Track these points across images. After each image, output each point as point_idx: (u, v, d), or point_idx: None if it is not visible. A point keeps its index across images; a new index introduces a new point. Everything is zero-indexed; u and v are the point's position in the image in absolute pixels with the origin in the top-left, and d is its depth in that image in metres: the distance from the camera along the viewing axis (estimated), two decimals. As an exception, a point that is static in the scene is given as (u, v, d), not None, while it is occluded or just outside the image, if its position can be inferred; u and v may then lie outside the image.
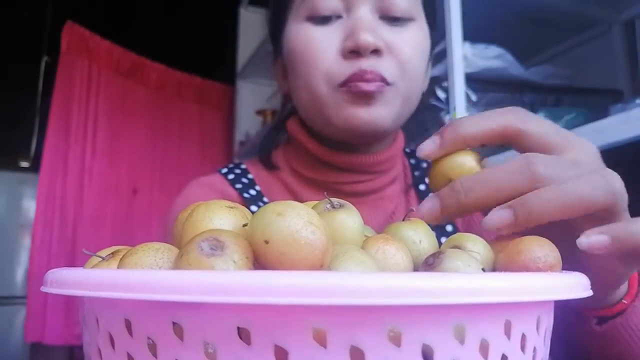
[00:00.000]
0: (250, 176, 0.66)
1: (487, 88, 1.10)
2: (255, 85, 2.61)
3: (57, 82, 2.38)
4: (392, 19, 0.56)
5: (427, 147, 0.34)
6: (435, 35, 0.64)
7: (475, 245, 0.30)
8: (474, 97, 1.08)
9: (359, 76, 0.53)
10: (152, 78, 2.74)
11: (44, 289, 0.24)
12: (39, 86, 3.28)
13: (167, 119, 2.76)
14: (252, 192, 0.64)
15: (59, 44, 2.42)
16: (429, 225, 0.33)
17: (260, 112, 2.40)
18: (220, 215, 0.27)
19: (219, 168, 0.68)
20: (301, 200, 0.64)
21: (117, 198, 2.49)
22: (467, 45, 1.09)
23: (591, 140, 0.37)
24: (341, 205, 0.29)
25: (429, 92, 1.12)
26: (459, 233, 0.32)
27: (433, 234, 0.32)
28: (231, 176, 0.66)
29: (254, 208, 0.61)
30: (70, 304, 2.22)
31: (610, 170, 0.32)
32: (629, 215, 0.33)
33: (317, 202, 0.30)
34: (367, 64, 0.54)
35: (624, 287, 0.41)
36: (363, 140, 0.59)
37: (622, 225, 0.30)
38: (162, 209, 2.48)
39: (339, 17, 0.56)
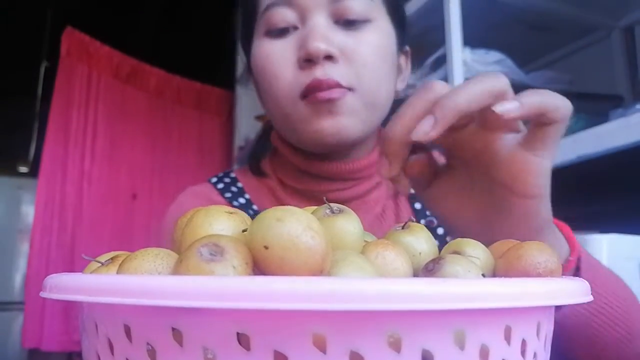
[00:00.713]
0: (239, 185, 0.66)
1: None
2: (255, 90, 2.61)
3: (57, 87, 2.39)
4: (347, 23, 0.56)
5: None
6: (435, 41, 0.64)
7: (475, 251, 0.30)
8: (473, 103, 1.08)
9: (315, 86, 0.53)
10: (151, 83, 2.74)
11: (43, 294, 0.24)
12: (38, 91, 3.29)
13: (166, 124, 2.76)
14: (242, 200, 0.65)
15: (59, 49, 2.42)
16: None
17: (260, 118, 2.40)
18: (220, 221, 0.27)
19: (209, 177, 0.69)
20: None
21: (116, 203, 2.49)
22: (467, 50, 1.09)
23: (591, 146, 0.38)
24: (341, 211, 0.29)
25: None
26: (458, 238, 0.32)
27: (433, 239, 0.32)
28: (220, 185, 0.66)
29: None
30: (68, 309, 2.22)
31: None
32: None
33: (316, 207, 0.30)
34: (321, 72, 0.53)
35: (564, 251, 0.42)
36: (335, 151, 0.59)
37: (524, 95, 0.35)
38: (162, 214, 2.47)
39: (295, 28, 0.56)
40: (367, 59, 0.56)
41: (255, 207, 0.64)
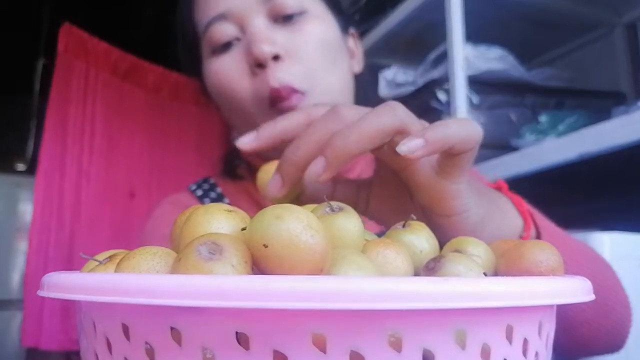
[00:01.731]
0: (218, 190, 0.67)
1: (489, 90, 1.10)
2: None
3: (54, 84, 2.37)
4: (285, 19, 0.57)
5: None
6: (436, 37, 0.64)
7: (477, 249, 0.30)
8: (475, 100, 1.08)
9: (276, 96, 0.54)
10: (150, 80, 2.73)
11: (40, 293, 0.24)
12: (36, 88, 3.28)
13: (165, 121, 2.75)
14: None
15: (56, 46, 2.42)
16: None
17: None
18: (219, 219, 0.26)
19: (189, 184, 0.69)
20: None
21: (115, 201, 2.48)
22: (469, 47, 1.09)
23: (593, 143, 0.37)
24: (341, 209, 0.29)
25: (430, 95, 1.12)
26: (460, 237, 0.32)
27: (434, 238, 0.32)
28: (200, 192, 0.67)
29: None
30: (67, 308, 2.21)
31: (392, 102, 0.35)
32: None
33: (316, 205, 0.30)
34: (273, 78, 0.54)
35: (516, 228, 0.42)
36: None
37: (429, 128, 0.32)
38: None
39: (238, 39, 0.57)
40: (312, 52, 0.56)
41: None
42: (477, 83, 1.08)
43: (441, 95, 1.11)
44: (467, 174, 0.36)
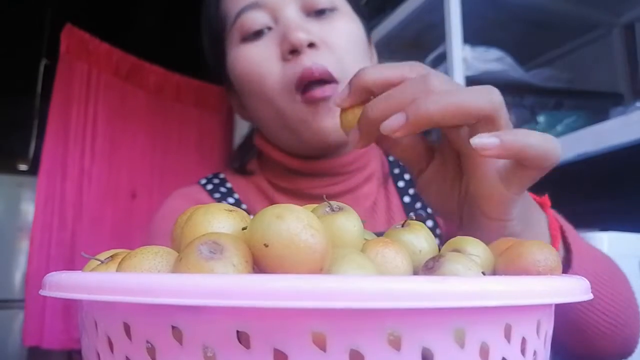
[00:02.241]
0: (228, 185, 0.67)
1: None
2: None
3: (56, 85, 2.38)
4: (318, 12, 0.58)
5: (339, 97, 0.38)
6: (435, 38, 0.65)
7: (476, 249, 0.30)
8: (473, 101, 1.08)
9: (307, 75, 0.54)
10: (151, 81, 2.74)
11: (42, 292, 0.24)
12: (38, 89, 3.28)
13: (166, 122, 2.76)
14: (231, 200, 0.65)
15: (58, 47, 2.42)
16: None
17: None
18: (220, 219, 0.27)
19: (199, 179, 0.69)
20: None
21: (116, 201, 2.49)
22: (467, 48, 1.09)
23: (591, 144, 0.37)
24: (340, 209, 0.29)
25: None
26: (458, 236, 0.32)
27: (433, 238, 0.32)
28: (210, 186, 0.67)
29: None
30: (69, 307, 2.22)
31: (490, 86, 0.35)
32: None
33: (315, 205, 0.30)
34: (308, 59, 0.55)
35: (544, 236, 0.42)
36: (333, 148, 0.60)
37: (511, 132, 0.33)
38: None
39: (269, 28, 0.58)
40: (344, 46, 0.58)
41: (244, 206, 0.64)
42: (476, 84, 1.08)
43: (441, 96, 1.11)
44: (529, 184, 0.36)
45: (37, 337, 2.16)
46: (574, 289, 0.24)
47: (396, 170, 0.69)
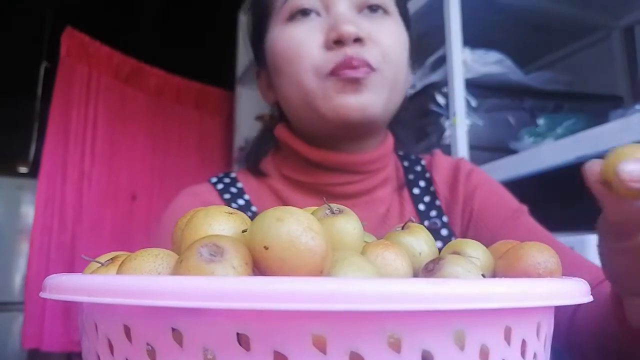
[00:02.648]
0: (239, 185, 0.66)
1: (487, 94, 1.10)
2: (255, 90, 2.59)
3: (57, 87, 2.39)
4: (370, 9, 0.58)
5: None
6: (435, 41, 0.65)
7: (475, 251, 0.30)
8: (473, 103, 1.08)
9: (346, 63, 0.55)
10: (151, 83, 2.74)
11: (43, 294, 0.24)
12: (38, 91, 3.29)
13: (166, 124, 2.76)
14: (241, 201, 0.64)
15: (59, 50, 2.42)
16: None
17: (260, 118, 2.40)
18: (220, 221, 0.27)
19: (210, 177, 0.69)
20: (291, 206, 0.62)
21: (116, 204, 2.49)
22: (467, 50, 1.09)
23: (591, 146, 0.37)
24: (340, 211, 0.29)
25: (429, 98, 1.12)
26: (458, 239, 0.32)
27: (433, 240, 0.32)
28: (220, 186, 0.66)
29: None
30: (69, 310, 2.22)
31: None
32: None
33: (316, 207, 0.30)
34: (351, 50, 0.55)
35: None
36: (354, 131, 0.59)
37: None
38: (161, 214, 2.47)
39: (318, 14, 0.58)
40: (391, 45, 0.58)
41: (254, 208, 0.64)
42: (476, 86, 1.09)
43: (440, 99, 1.11)
44: None
45: (37, 340, 2.16)
46: (573, 291, 0.24)
47: (411, 177, 0.68)
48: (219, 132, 2.94)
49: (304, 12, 0.58)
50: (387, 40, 0.58)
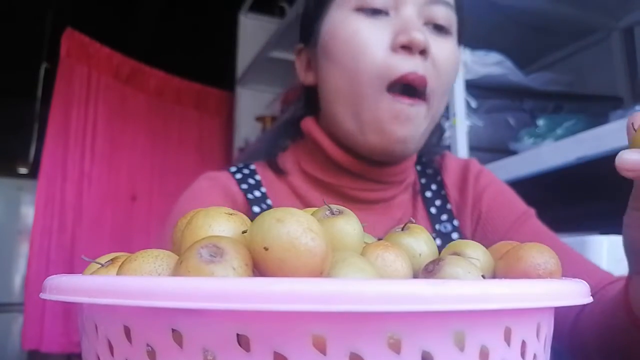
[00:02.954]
0: (257, 177, 0.66)
1: (487, 95, 1.10)
2: (255, 91, 2.61)
3: (57, 88, 2.39)
4: (435, 27, 0.58)
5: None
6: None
7: (475, 252, 0.30)
8: (473, 104, 1.08)
9: (410, 79, 0.54)
10: (151, 84, 2.74)
11: (43, 295, 0.24)
12: (38, 92, 3.29)
13: (166, 125, 2.76)
14: (257, 193, 0.64)
15: (59, 50, 2.42)
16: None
17: (260, 119, 2.40)
18: (220, 222, 0.27)
19: (229, 166, 0.68)
20: (308, 204, 0.61)
21: (116, 204, 2.49)
22: (467, 51, 1.09)
23: (591, 147, 0.37)
24: (340, 212, 0.29)
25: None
26: (459, 240, 0.32)
27: (433, 241, 0.32)
28: (239, 175, 0.65)
29: (256, 209, 0.61)
30: (69, 311, 2.22)
31: None
32: None
33: (316, 208, 0.30)
34: (416, 63, 0.54)
35: None
36: (387, 159, 0.59)
37: None
38: (161, 215, 2.48)
39: (386, 14, 0.57)
40: (447, 66, 0.58)
41: (269, 201, 0.63)
42: (476, 87, 1.09)
43: (441, 99, 1.11)
44: None
45: (37, 341, 2.16)
46: (573, 292, 0.24)
47: (423, 181, 0.68)
48: (218, 132, 2.94)
49: (375, 10, 0.57)
50: (444, 61, 0.57)
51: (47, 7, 3.22)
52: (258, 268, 0.23)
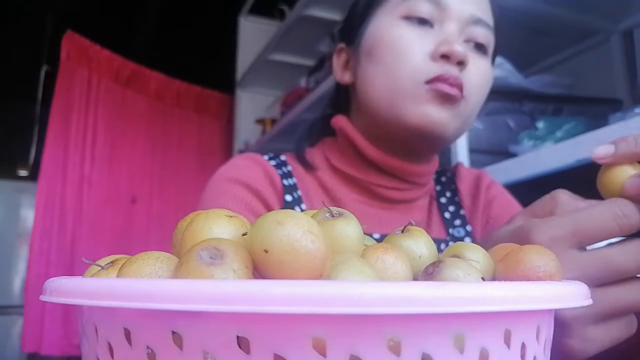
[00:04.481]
0: (289, 168, 0.68)
1: (487, 97, 1.10)
2: (255, 94, 2.62)
3: (57, 90, 2.39)
4: (475, 45, 0.61)
5: (601, 152, 0.39)
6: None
7: (475, 254, 0.30)
8: (473, 106, 1.08)
9: (445, 78, 0.56)
10: (151, 87, 2.75)
11: (43, 297, 0.24)
12: (39, 95, 3.29)
13: (166, 128, 2.77)
14: (290, 181, 0.66)
15: (59, 53, 2.43)
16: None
17: (260, 121, 2.41)
18: (220, 224, 0.27)
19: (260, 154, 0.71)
20: (335, 198, 0.65)
21: (116, 207, 2.49)
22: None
23: (591, 150, 0.38)
24: (340, 214, 0.29)
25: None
26: (458, 242, 0.32)
27: (433, 243, 0.32)
28: (273, 162, 0.68)
29: (288, 198, 0.63)
30: (68, 313, 2.22)
31: None
32: None
33: (316, 211, 0.30)
34: (453, 70, 0.57)
35: None
36: (423, 142, 0.61)
37: None
38: (161, 217, 2.48)
39: (431, 26, 0.60)
40: (480, 85, 0.61)
41: (299, 192, 0.65)
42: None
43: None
44: None
45: (36, 343, 2.16)
46: (573, 295, 0.24)
47: (438, 188, 0.71)
48: (218, 135, 2.94)
49: (421, 20, 0.59)
50: (479, 80, 0.60)
51: (48, 10, 3.22)
52: (258, 270, 0.23)
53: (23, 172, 3.48)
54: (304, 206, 0.64)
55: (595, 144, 0.39)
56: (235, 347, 0.20)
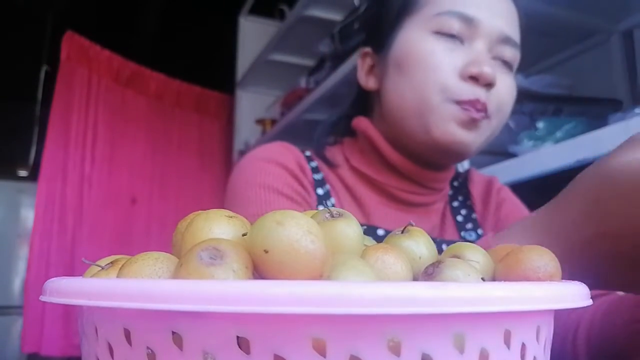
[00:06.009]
0: (315, 163, 0.69)
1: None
2: (255, 94, 2.62)
3: (57, 91, 2.39)
4: (502, 63, 0.62)
5: None
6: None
7: (475, 255, 0.30)
8: (473, 107, 1.08)
9: (473, 103, 0.58)
10: (151, 87, 2.75)
11: (43, 298, 0.24)
12: (39, 95, 3.29)
13: (166, 128, 2.76)
14: (318, 176, 0.67)
15: (59, 53, 2.43)
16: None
17: (260, 121, 2.41)
18: (220, 225, 0.27)
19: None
20: (355, 195, 0.66)
21: (116, 207, 2.49)
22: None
23: (590, 150, 0.37)
24: (340, 215, 0.29)
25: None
26: (458, 242, 0.32)
27: (433, 244, 0.32)
28: (303, 155, 0.69)
29: (320, 191, 0.65)
30: (68, 314, 2.21)
31: None
32: None
33: (316, 211, 0.30)
34: (481, 94, 0.58)
35: None
36: (444, 158, 0.63)
37: None
38: (161, 218, 2.48)
39: (461, 42, 0.60)
40: (507, 100, 0.62)
41: (327, 186, 0.66)
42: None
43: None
44: None
45: (36, 344, 2.16)
46: (573, 295, 0.24)
47: (451, 192, 0.73)
48: (219, 135, 2.94)
49: (452, 36, 0.60)
50: (506, 95, 0.62)
51: (48, 10, 3.22)
52: (258, 271, 0.23)
53: (23, 172, 3.48)
54: (333, 200, 0.65)
55: (595, 144, 0.39)
56: (235, 347, 0.20)
